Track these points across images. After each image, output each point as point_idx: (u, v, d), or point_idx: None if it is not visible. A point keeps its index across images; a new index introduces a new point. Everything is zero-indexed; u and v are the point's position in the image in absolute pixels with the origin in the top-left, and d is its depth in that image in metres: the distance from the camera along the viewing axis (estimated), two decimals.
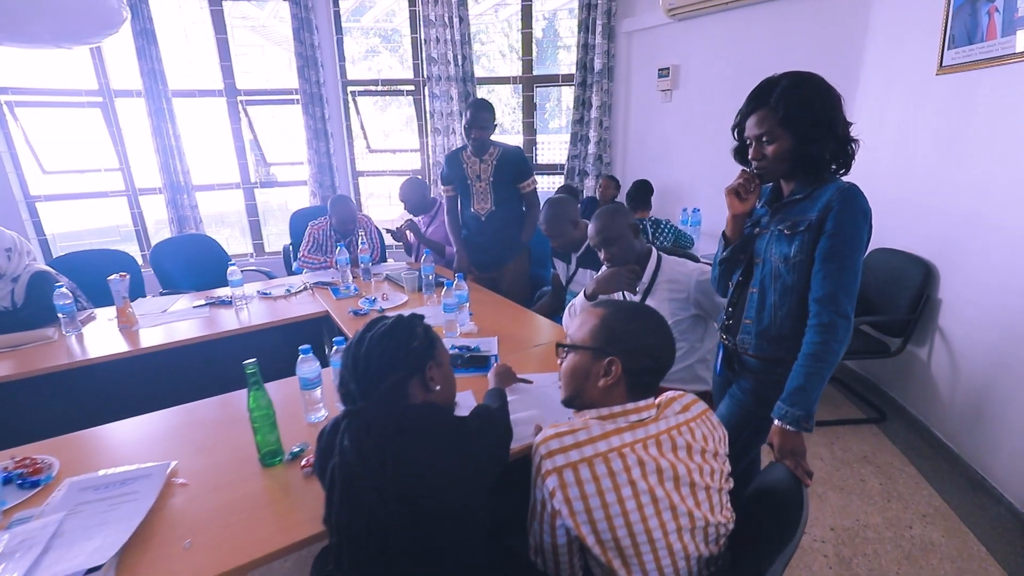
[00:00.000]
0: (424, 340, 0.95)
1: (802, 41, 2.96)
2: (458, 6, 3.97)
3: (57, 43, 1.67)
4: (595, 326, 0.95)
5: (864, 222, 1.12)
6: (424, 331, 0.97)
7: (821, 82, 1.15)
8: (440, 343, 1.00)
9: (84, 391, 1.93)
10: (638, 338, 0.93)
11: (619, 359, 0.91)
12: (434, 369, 0.95)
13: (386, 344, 0.91)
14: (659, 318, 0.97)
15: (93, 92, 3.87)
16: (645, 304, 0.99)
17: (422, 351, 0.93)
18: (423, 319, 1.01)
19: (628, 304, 0.96)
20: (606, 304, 0.98)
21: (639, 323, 0.94)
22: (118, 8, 1.66)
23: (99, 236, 4.31)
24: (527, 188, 2.60)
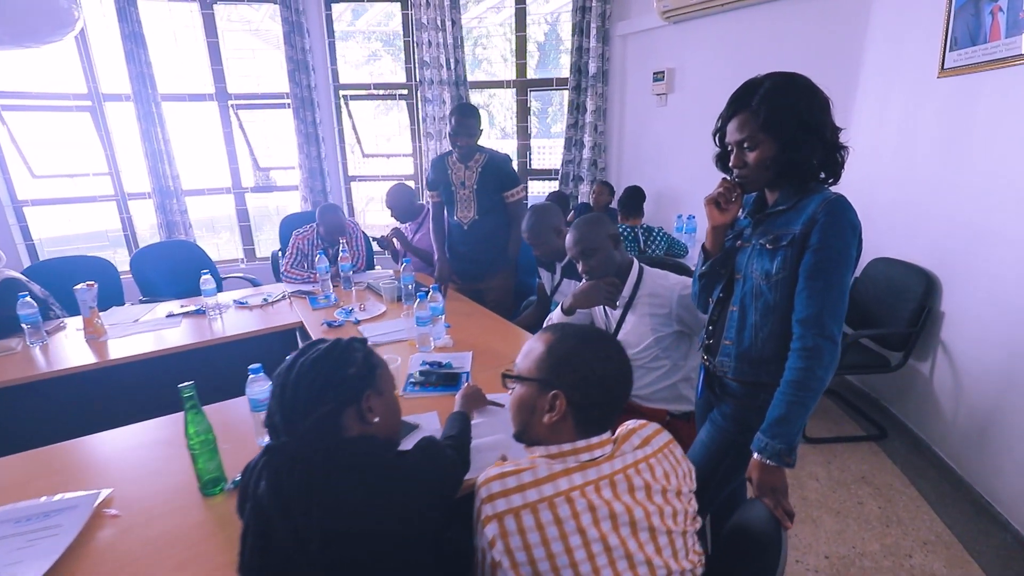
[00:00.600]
0: (363, 367, 0.86)
1: (800, 43, 2.87)
2: (451, 9, 3.90)
3: (15, 44, 1.63)
4: (540, 355, 0.86)
5: (852, 236, 1.02)
6: (364, 356, 0.88)
7: (807, 83, 1.06)
8: (383, 369, 0.91)
9: (45, 406, 1.86)
10: (586, 368, 0.83)
11: (563, 393, 0.82)
12: (373, 399, 0.86)
13: (318, 371, 0.82)
14: (612, 345, 0.87)
15: (82, 96, 3.83)
16: (597, 328, 0.89)
17: (359, 379, 0.85)
18: (365, 343, 0.93)
19: (578, 329, 0.87)
20: (554, 329, 0.89)
21: (588, 351, 0.84)
22: (69, 8, 1.60)
23: (88, 241, 4.26)
24: (512, 198, 2.47)
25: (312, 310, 2.31)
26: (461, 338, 1.94)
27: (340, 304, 2.36)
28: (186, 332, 2.13)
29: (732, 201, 1.18)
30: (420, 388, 1.54)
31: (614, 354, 0.85)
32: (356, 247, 2.98)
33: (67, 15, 1.62)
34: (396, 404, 0.93)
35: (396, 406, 0.93)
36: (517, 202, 2.48)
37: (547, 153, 4.66)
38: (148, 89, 3.78)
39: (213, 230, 4.79)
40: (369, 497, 0.77)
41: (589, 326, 0.89)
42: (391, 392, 0.92)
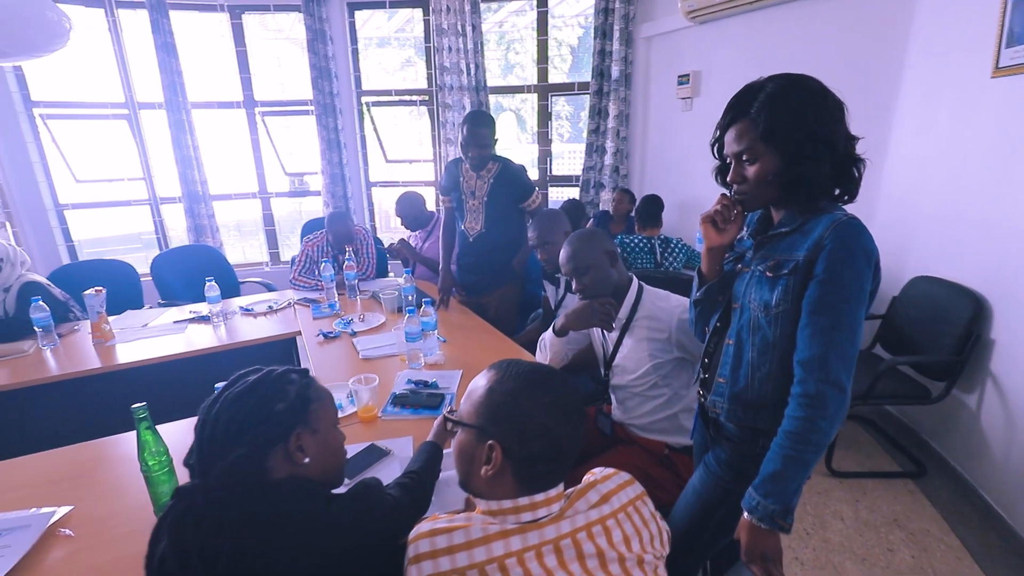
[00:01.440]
0: (295, 401, 0.79)
1: (835, 42, 2.66)
2: (471, 14, 3.86)
3: (9, 59, 1.68)
4: (478, 398, 0.76)
5: (866, 266, 0.88)
6: (299, 390, 0.81)
7: (816, 86, 0.92)
8: (321, 404, 0.84)
9: (50, 409, 1.89)
10: (526, 417, 0.72)
11: (499, 444, 0.72)
12: (306, 437, 0.79)
13: (240, 407, 0.75)
14: (560, 389, 0.76)
15: (119, 104, 3.98)
16: (547, 369, 0.79)
17: (288, 415, 0.78)
18: (305, 373, 0.86)
19: (523, 369, 0.77)
20: (499, 367, 0.79)
21: (528, 397, 0.74)
22: (59, 20, 1.63)
23: (123, 243, 4.44)
24: (532, 206, 2.35)
25: (312, 319, 2.29)
26: (454, 355, 1.87)
27: (341, 313, 2.33)
28: (188, 339, 2.14)
29: (731, 220, 1.06)
30: (400, 408, 1.48)
31: (561, 400, 0.74)
32: (366, 254, 2.96)
33: (59, 27, 1.65)
34: (336, 441, 0.86)
35: (336, 443, 0.85)
36: (537, 208, 2.36)
37: (577, 158, 4.53)
38: (179, 97, 3.90)
39: (240, 234, 4.91)
40: (286, 552, 0.70)
41: (539, 365, 0.78)
42: (330, 428, 0.84)
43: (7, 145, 3.69)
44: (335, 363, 1.85)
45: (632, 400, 1.53)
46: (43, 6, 1.53)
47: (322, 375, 1.75)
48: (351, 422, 1.43)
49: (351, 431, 1.39)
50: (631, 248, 2.83)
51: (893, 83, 2.51)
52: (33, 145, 3.80)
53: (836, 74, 2.64)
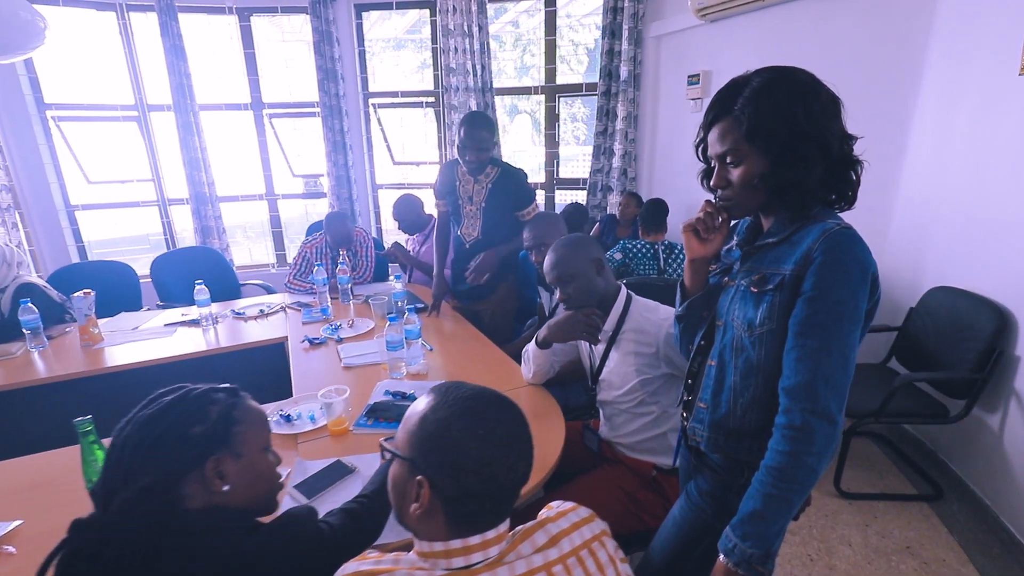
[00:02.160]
0: (216, 424, 0.73)
1: (851, 41, 2.53)
2: (477, 15, 3.80)
3: None
4: (412, 426, 0.69)
5: (861, 282, 0.79)
6: (222, 411, 0.75)
7: (806, 79, 0.83)
8: (249, 424, 0.77)
9: (34, 412, 1.88)
10: (458, 451, 0.64)
11: (428, 479, 0.64)
12: (227, 462, 0.73)
13: (150, 429, 0.70)
14: (503, 418, 0.68)
15: (129, 107, 4.03)
16: (491, 393, 0.71)
17: (206, 439, 0.71)
18: (234, 393, 0.79)
19: (463, 394, 0.69)
20: (439, 391, 0.71)
21: (462, 427, 0.65)
22: (33, 20, 1.62)
23: (132, 244, 4.49)
24: (527, 217, 2.21)
25: (302, 324, 2.25)
26: (440, 364, 1.80)
27: (332, 318, 2.28)
28: (176, 343, 2.11)
29: (715, 229, 0.97)
30: (374, 422, 1.41)
31: (500, 432, 0.66)
32: (364, 257, 2.91)
33: (33, 27, 1.64)
34: (266, 466, 0.79)
35: (265, 468, 0.79)
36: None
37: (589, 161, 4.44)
38: (187, 100, 3.93)
39: (247, 236, 4.93)
40: None
41: (482, 391, 0.71)
42: (257, 452, 0.78)
43: (20, 147, 3.75)
44: (316, 371, 1.80)
45: (619, 417, 1.44)
46: (17, 6, 1.52)
47: (301, 383, 1.71)
48: (320, 435, 1.38)
49: (320, 445, 1.34)
50: (634, 254, 2.74)
51: (912, 83, 2.37)
52: (45, 147, 3.86)
53: (852, 74, 2.53)
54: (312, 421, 1.42)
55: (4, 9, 1.46)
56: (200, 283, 2.24)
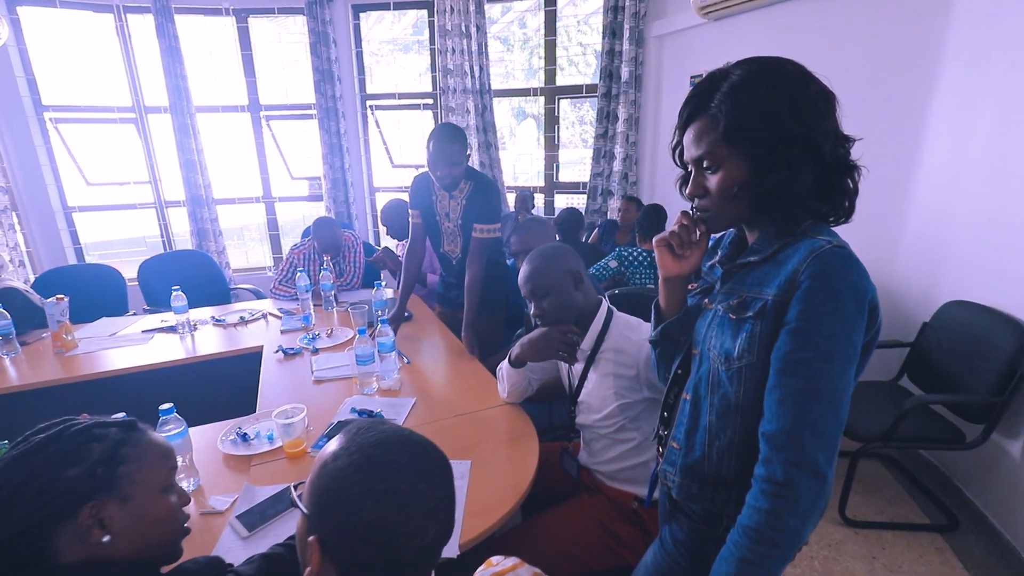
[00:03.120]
0: (97, 464, 0.64)
1: (862, 39, 2.39)
2: (475, 15, 3.72)
3: None
4: (313, 473, 0.59)
5: (856, 312, 0.67)
6: (108, 448, 0.65)
7: (793, 71, 0.72)
8: (141, 464, 0.68)
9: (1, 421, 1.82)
10: (354, 509, 0.54)
11: (319, 541, 0.54)
12: (109, 508, 0.63)
13: (15, 473, 0.60)
14: (413, 469, 0.57)
15: (127, 108, 4.00)
16: (405, 437, 0.60)
17: (82, 483, 0.62)
18: (129, 426, 0.70)
19: (369, 440, 0.57)
20: (348, 432, 0.61)
21: (359, 480, 0.55)
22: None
23: (129, 246, 4.47)
24: (480, 233, 1.98)
25: (280, 332, 2.17)
26: (414, 378, 1.71)
27: (311, 327, 2.20)
28: (150, 350, 2.04)
29: (692, 244, 0.86)
30: None
31: (405, 488, 0.55)
32: (352, 262, 2.84)
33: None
34: (163, 509, 0.69)
35: (162, 512, 0.69)
36: (481, 240, 1.99)
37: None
38: (183, 102, 3.89)
39: (243, 239, 4.90)
40: None
41: (394, 436, 0.60)
42: (151, 495, 0.68)
43: (17, 149, 3.74)
44: (285, 384, 1.71)
45: (598, 442, 1.33)
46: None
47: (267, 397, 1.63)
48: (276, 458, 1.29)
49: (273, 469, 1.25)
50: (630, 261, 2.62)
51: (927, 83, 2.23)
52: (43, 148, 3.85)
53: (862, 74, 2.39)
54: (270, 441, 1.33)
55: None
56: (177, 289, 2.17)
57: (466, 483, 1.17)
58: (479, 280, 1.98)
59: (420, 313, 2.38)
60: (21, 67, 3.68)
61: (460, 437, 1.36)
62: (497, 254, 2.13)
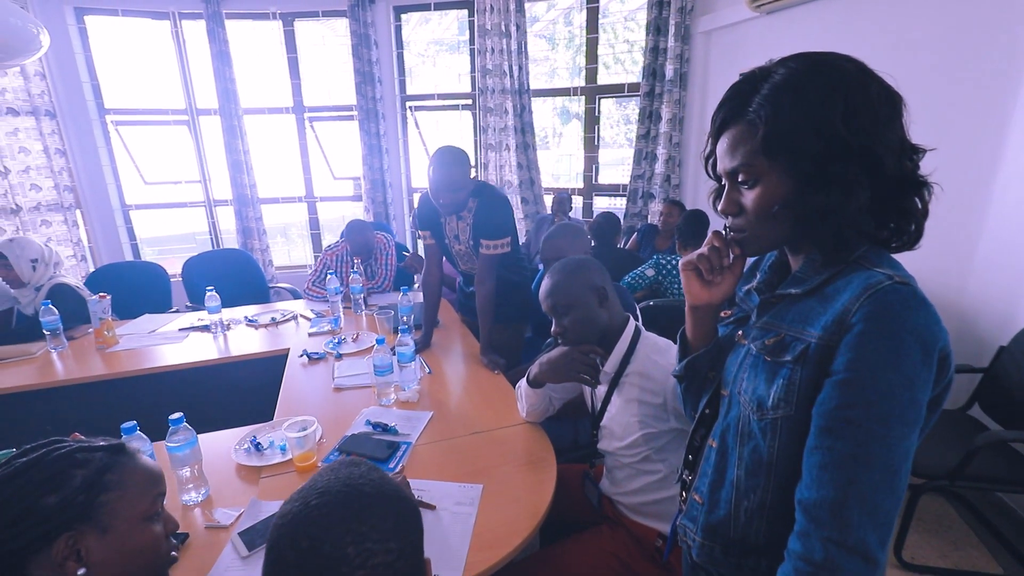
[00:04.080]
0: (78, 491, 0.61)
1: (935, 34, 2.16)
2: (515, 13, 3.65)
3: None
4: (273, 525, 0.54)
5: (922, 364, 0.55)
6: (90, 475, 0.63)
7: (851, 70, 0.60)
8: (125, 492, 0.65)
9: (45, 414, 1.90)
10: (280, 563, 0.51)
11: None
12: (88, 539, 0.61)
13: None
14: (344, 528, 0.51)
15: (180, 111, 4.18)
16: (357, 488, 0.54)
17: (60, 511, 0.60)
18: (116, 450, 0.67)
19: (321, 486, 0.53)
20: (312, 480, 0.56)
21: (287, 533, 0.51)
22: (37, 35, 1.65)
23: (180, 243, 4.67)
24: (487, 250, 1.86)
25: (308, 335, 2.18)
26: (433, 390, 1.66)
27: (339, 330, 2.20)
28: (183, 350, 2.09)
29: (724, 269, 0.75)
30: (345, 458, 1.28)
31: (331, 553, 0.50)
32: (384, 265, 2.83)
33: (35, 41, 1.68)
34: (145, 540, 0.67)
35: (144, 543, 0.66)
36: (490, 257, 1.87)
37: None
38: (232, 104, 4.02)
39: (286, 236, 5.03)
40: None
41: (348, 481, 0.54)
42: (134, 524, 0.65)
43: (82, 150, 3.96)
44: (306, 390, 1.70)
45: (621, 471, 1.24)
46: (7, 12, 1.53)
47: (287, 403, 1.62)
48: (287, 470, 1.26)
49: (283, 482, 1.23)
50: (668, 270, 2.49)
51: (1011, 81, 1.98)
52: (104, 149, 4.07)
53: (935, 73, 2.14)
54: (282, 452, 1.31)
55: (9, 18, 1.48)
56: (211, 289, 2.22)
57: (475, 511, 1.10)
58: (491, 297, 1.88)
59: (449, 320, 2.33)
60: (87, 73, 3.90)
61: (474, 458, 1.29)
62: (512, 261, 2.03)
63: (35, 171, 3.78)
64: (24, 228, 3.78)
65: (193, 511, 1.14)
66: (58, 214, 3.91)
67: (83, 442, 0.67)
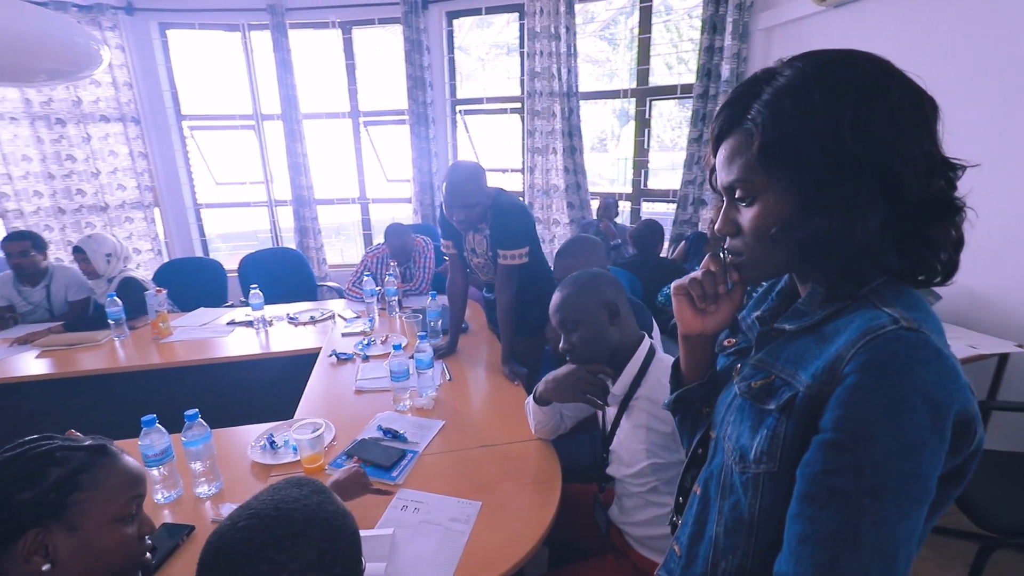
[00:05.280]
0: (50, 489, 0.64)
1: None
2: (565, 15, 3.60)
3: (52, 82, 1.90)
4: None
5: (930, 430, 0.45)
6: (66, 474, 0.65)
7: (868, 71, 0.51)
8: (98, 492, 0.67)
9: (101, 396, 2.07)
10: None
11: None
12: (57, 536, 0.64)
13: None
14: (262, 555, 0.50)
15: (247, 116, 4.45)
16: (285, 513, 0.52)
17: (30, 508, 0.62)
18: (97, 450, 0.70)
19: (253, 509, 0.52)
20: (234, 514, 0.54)
21: (212, 552, 0.51)
22: (97, 51, 1.80)
23: (243, 240, 4.97)
24: (504, 260, 1.81)
25: (341, 335, 2.23)
26: (451, 397, 1.64)
27: (370, 332, 2.24)
28: (229, 342, 2.21)
29: (718, 297, 0.68)
30: (350, 462, 1.29)
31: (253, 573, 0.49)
32: (422, 268, 2.87)
33: (96, 57, 1.83)
34: (115, 540, 0.68)
35: (113, 543, 0.68)
36: (507, 267, 1.82)
37: None
38: (292, 109, 4.23)
39: (340, 236, 5.23)
40: None
41: (280, 504, 0.52)
42: (103, 525, 0.67)
43: (161, 153, 4.31)
44: (330, 390, 1.74)
45: (630, 500, 1.17)
46: (72, 32, 1.69)
47: (309, 402, 1.66)
48: (295, 470, 1.29)
49: None
50: None
51: None
52: (180, 152, 4.40)
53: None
54: (294, 452, 1.34)
55: (58, 36, 1.63)
56: (255, 287, 2.33)
57: (469, 529, 1.07)
58: (510, 308, 1.83)
59: (478, 326, 2.32)
60: (167, 82, 4.23)
61: (478, 472, 1.26)
62: (535, 270, 1.96)
63: (121, 172, 4.16)
64: (111, 224, 4.17)
65: (204, 504, 1.19)
66: (139, 211, 4.28)
67: (68, 440, 0.70)
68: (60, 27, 1.66)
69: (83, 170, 4.03)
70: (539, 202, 4.13)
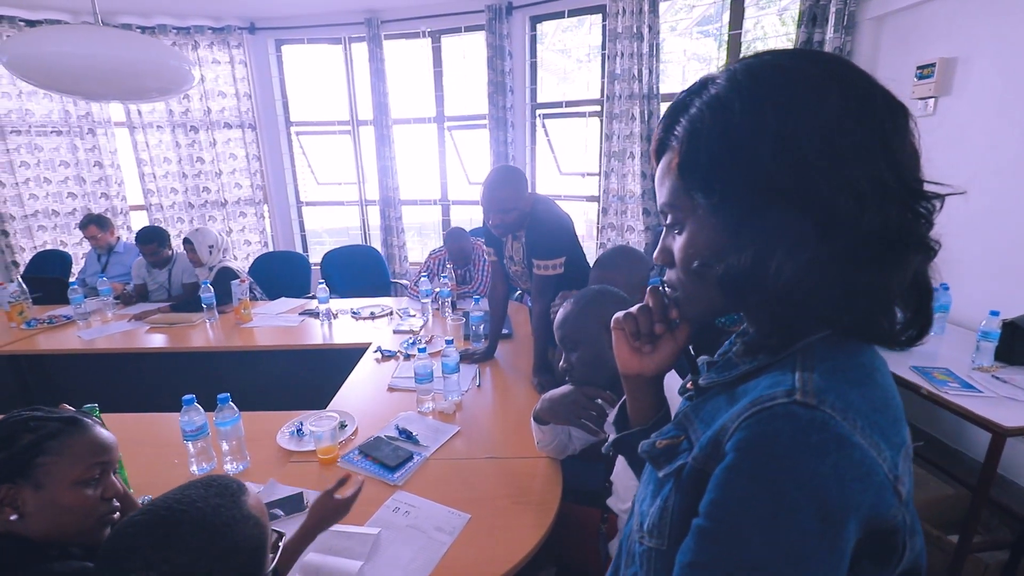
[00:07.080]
0: (20, 452, 0.74)
1: None
2: (648, 15, 3.45)
3: (160, 98, 2.18)
4: None
5: (817, 535, 0.36)
6: (35, 439, 0.75)
7: (810, 76, 0.42)
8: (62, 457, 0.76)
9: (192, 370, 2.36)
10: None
11: None
12: (24, 492, 0.74)
13: None
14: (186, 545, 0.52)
15: (345, 122, 4.82)
16: (209, 514, 0.54)
17: (3, 465, 0.73)
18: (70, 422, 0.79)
19: (174, 496, 0.54)
20: (144, 506, 0.58)
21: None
22: (188, 71, 2.05)
23: (336, 236, 5.38)
24: (539, 270, 1.79)
25: (393, 332, 2.34)
26: (473, 404, 1.65)
27: (418, 331, 2.32)
28: (296, 332, 2.41)
29: (655, 337, 0.60)
30: (361, 459, 1.35)
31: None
32: (481, 271, 2.91)
33: (189, 77, 2.07)
34: (77, 501, 0.77)
35: (75, 503, 0.77)
36: (542, 278, 1.79)
37: None
38: (384, 115, 4.51)
39: (421, 235, 5.48)
40: None
41: (203, 505, 0.55)
42: (65, 487, 0.76)
43: (271, 156, 4.82)
44: (367, 385, 1.83)
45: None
46: (167, 55, 1.96)
47: (345, 394, 1.75)
48: (311, 459, 1.37)
49: (303, 470, 1.33)
50: None
51: None
52: (287, 155, 4.89)
53: None
54: (316, 442, 1.42)
55: (155, 61, 1.91)
56: (322, 283, 2.52)
57: (451, 541, 1.06)
58: (544, 318, 1.79)
59: (522, 333, 2.31)
60: (279, 92, 4.72)
61: (474, 484, 1.25)
62: (574, 282, 1.90)
63: (239, 173, 4.71)
64: (228, 218, 4.75)
65: None
66: (251, 208, 4.82)
67: (48, 412, 0.80)
68: (160, 53, 1.95)
69: (209, 171, 4.63)
70: (614, 208, 4.01)
